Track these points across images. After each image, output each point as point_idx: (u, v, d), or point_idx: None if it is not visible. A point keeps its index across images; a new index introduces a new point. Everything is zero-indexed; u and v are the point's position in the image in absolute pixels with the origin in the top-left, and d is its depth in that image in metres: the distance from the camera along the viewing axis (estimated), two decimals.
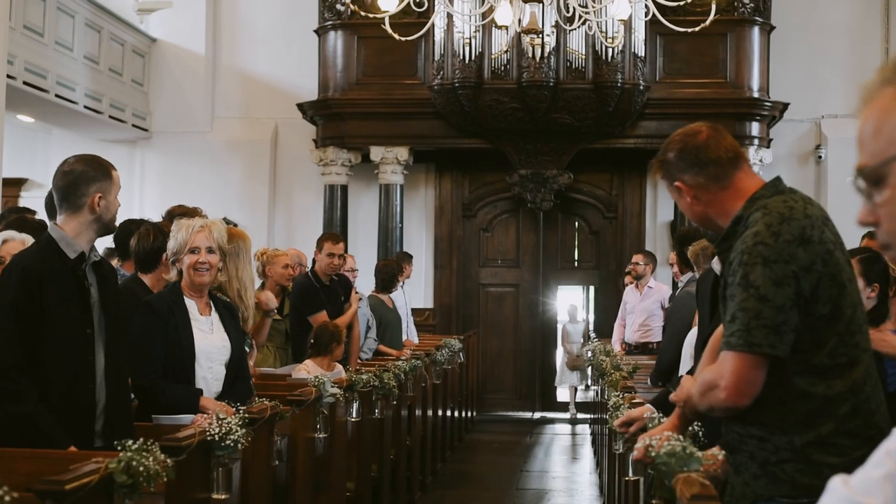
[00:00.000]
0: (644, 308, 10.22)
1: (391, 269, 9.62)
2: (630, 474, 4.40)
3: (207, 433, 3.62)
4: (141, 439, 3.09)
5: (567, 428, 13.58)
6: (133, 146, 14.69)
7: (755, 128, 13.29)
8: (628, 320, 10.41)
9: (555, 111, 12.80)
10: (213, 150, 14.57)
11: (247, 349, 5.20)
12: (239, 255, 5.16)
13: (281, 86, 14.59)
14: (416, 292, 13.84)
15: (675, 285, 8.97)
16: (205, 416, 4.08)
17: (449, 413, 11.14)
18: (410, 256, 11.75)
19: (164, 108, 14.64)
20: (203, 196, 11.25)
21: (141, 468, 2.93)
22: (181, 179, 14.10)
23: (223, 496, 3.67)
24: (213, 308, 4.79)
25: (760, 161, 13.04)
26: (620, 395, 4.64)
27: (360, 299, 8.47)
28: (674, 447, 2.87)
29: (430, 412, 9.54)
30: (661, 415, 3.44)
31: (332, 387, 5.26)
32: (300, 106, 13.84)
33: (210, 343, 4.65)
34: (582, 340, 13.87)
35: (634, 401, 4.56)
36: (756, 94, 13.21)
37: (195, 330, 4.63)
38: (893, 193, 1.50)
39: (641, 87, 12.90)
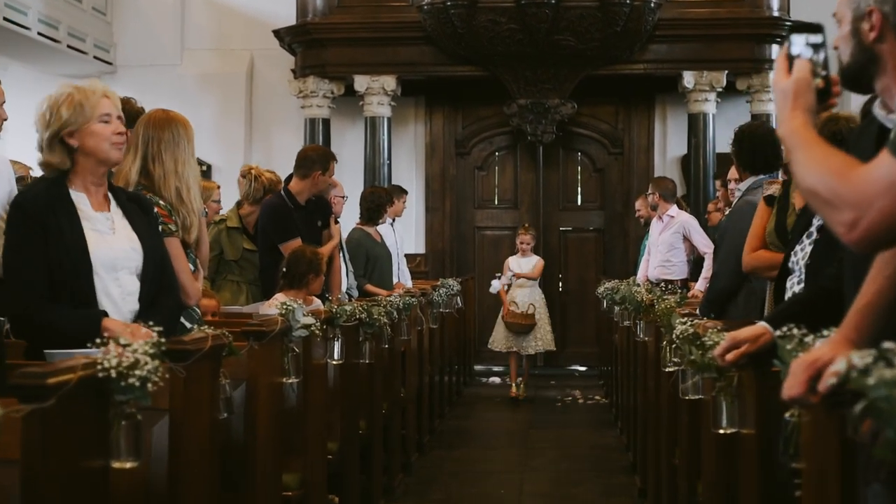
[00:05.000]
0: (664, 240, 9.07)
1: (378, 196, 8.38)
2: (688, 394, 3.52)
3: (98, 368, 2.38)
4: None
5: (579, 381, 12.36)
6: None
7: (775, 51, 12.13)
8: (651, 255, 9.29)
9: (557, 33, 11.64)
10: (184, 85, 13.45)
11: (191, 268, 3.98)
12: (179, 144, 3.92)
13: (256, 14, 13.49)
14: (406, 236, 12.73)
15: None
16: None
17: (447, 364, 10.00)
18: (405, 191, 10.47)
19: (129, 40, 13.60)
20: None
21: None
22: None
23: (128, 464, 2.45)
24: (115, 201, 3.58)
25: None
26: (686, 322, 3.47)
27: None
28: None
29: (427, 362, 8.38)
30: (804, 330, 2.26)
31: (306, 316, 4.04)
32: (277, 33, 12.67)
33: (110, 246, 3.46)
34: (534, 287, 11.07)
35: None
36: (776, 14, 12.15)
37: (88, 231, 3.43)
38: None
39: (652, 5, 11.77)
